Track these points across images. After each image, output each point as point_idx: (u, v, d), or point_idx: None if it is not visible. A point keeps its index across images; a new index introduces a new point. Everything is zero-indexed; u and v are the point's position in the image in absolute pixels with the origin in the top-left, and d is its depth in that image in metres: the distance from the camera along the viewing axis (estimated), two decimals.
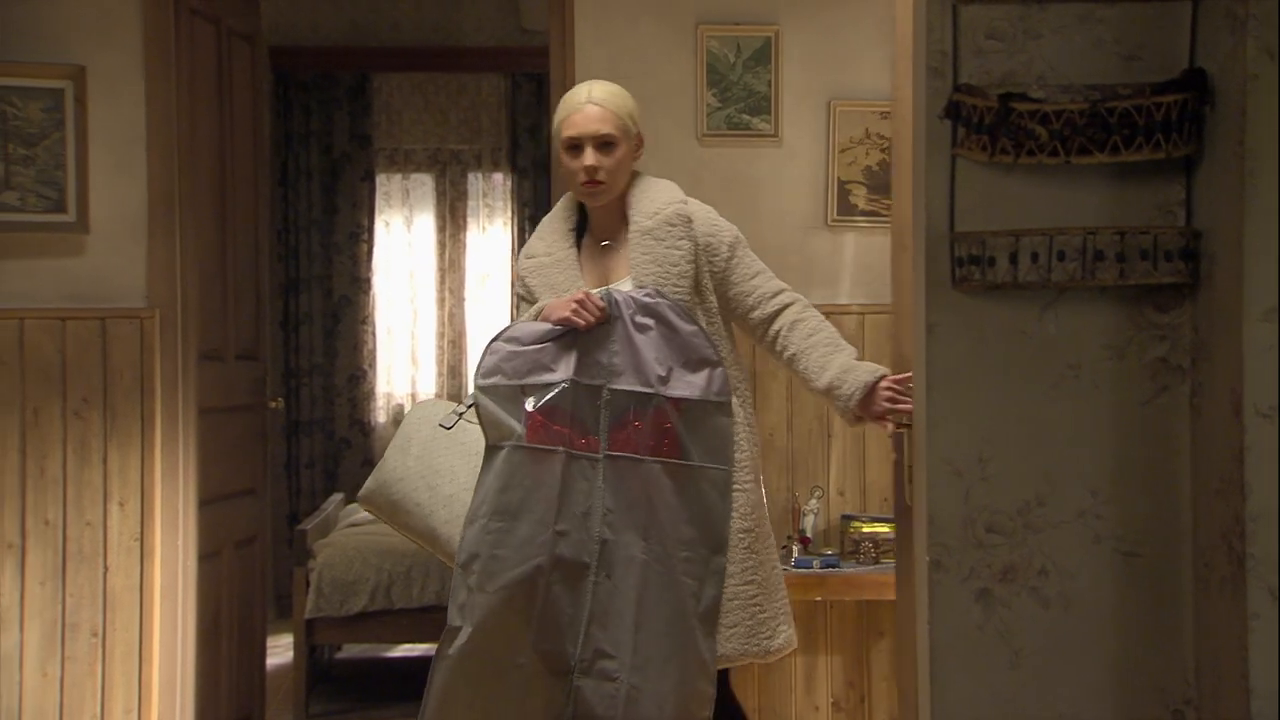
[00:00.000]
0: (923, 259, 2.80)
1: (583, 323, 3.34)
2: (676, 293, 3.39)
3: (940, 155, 2.76)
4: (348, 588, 5.86)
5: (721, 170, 4.93)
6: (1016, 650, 2.74)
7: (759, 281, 3.53)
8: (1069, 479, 2.74)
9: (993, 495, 2.76)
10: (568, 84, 4.90)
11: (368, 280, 8.30)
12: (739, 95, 4.91)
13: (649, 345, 3.34)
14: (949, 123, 2.73)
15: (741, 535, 3.41)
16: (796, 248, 4.95)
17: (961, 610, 2.74)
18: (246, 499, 5.25)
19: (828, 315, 4.92)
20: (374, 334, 8.33)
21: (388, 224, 8.40)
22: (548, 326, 3.36)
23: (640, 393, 3.32)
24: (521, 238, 8.33)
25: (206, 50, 4.96)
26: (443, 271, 8.45)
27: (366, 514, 6.62)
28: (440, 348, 8.49)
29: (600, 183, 3.43)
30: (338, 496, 7.21)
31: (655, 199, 3.46)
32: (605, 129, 3.44)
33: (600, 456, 3.32)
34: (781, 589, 3.52)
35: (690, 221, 3.46)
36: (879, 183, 4.94)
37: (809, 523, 4.74)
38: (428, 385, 8.49)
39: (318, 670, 6.21)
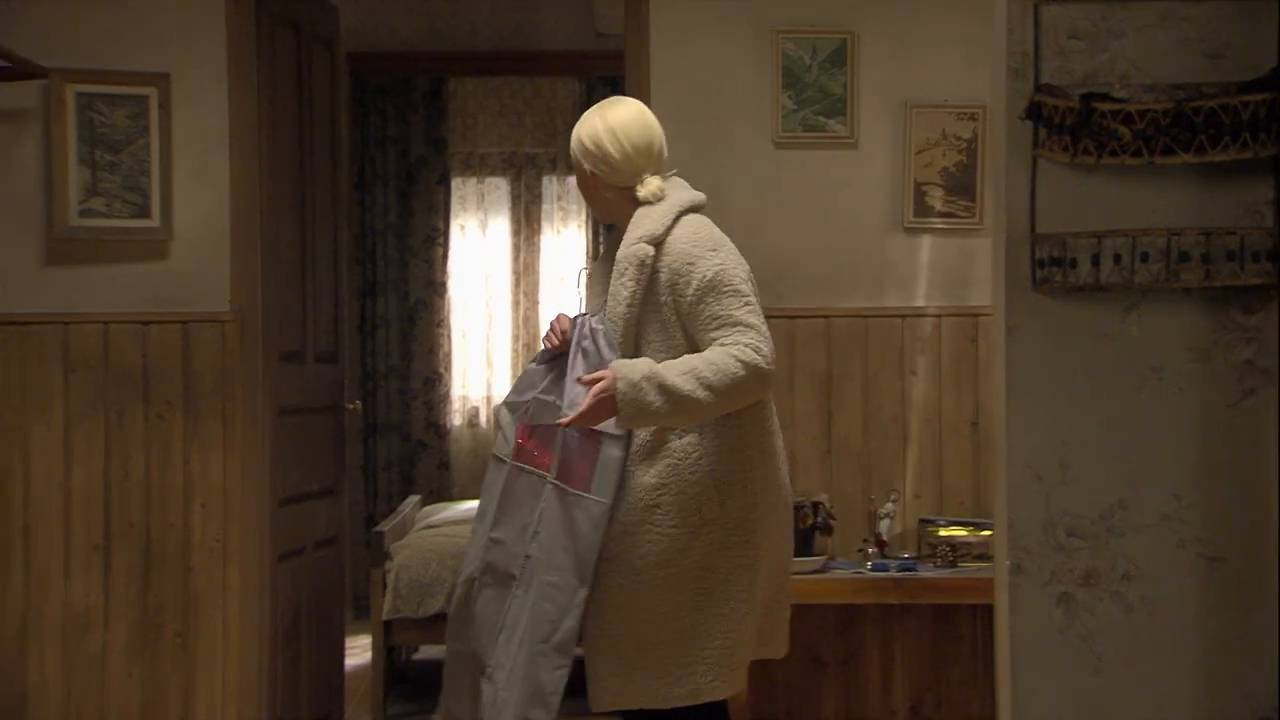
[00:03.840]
0: (1003, 261, 2.78)
1: (549, 344, 3.49)
2: (616, 325, 3.36)
3: (1021, 156, 2.74)
4: (424, 589, 5.90)
5: (796, 173, 4.92)
6: (1099, 655, 2.71)
7: (714, 336, 3.27)
8: (1152, 482, 2.71)
9: (1074, 499, 2.73)
10: (642, 87, 4.91)
11: (443, 284, 8.35)
12: (814, 98, 4.90)
13: (579, 369, 3.39)
14: (1030, 124, 2.71)
15: (656, 574, 3.30)
16: (872, 250, 4.93)
17: (1043, 614, 2.72)
18: (326, 500, 5.30)
19: (903, 318, 4.94)
20: (449, 337, 8.38)
21: (463, 228, 8.45)
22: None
23: (558, 414, 3.36)
24: (595, 241, 8.35)
25: (287, 56, 5.02)
26: (517, 275, 8.48)
27: (443, 515, 6.67)
28: (515, 351, 8.52)
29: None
30: (414, 498, 7.26)
31: (637, 228, 3.37)
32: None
33: (546, 474, 3.41)
34: (706, 640, 3.30)
35: (646, 261, 3.31)
36: (956, 184, 4.91)
37: (885, 526, 4.72)
38: (502, 388, 8.52)
39: (395, 671, 6.25)
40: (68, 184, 4.67)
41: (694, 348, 3.29)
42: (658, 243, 3.33)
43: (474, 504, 7.10)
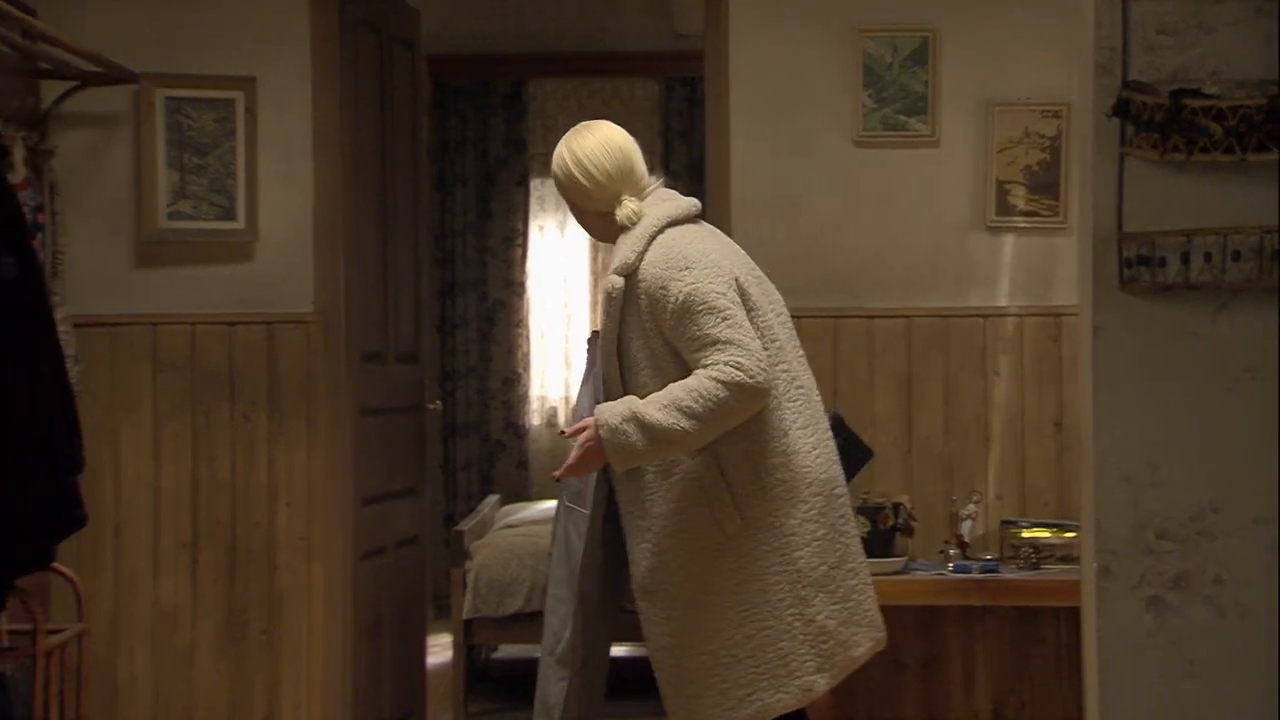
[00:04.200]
0: (1089, 260, 2.75)
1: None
2: (607, 357, 3.35)
3: (1108, 154, 2.71)
4: (504, 588, 5.93)
5: (876, 173, 4.89)
6: (1190, 660, 2.67)
7: (697, 357, 3.18)
8: (1244, 485, 2.67)
9: (1164, 501, 2.70)
10: (721, 88, 4.91)
11: (522, 284, 8.39)
12: (895, 96, 4.87)
13: (586, 395, 3.45)
14: (1117, 121, 2.68)
15: (694, 599, 3.27)
16: (953, 250, 4.90)
17: (1131, 618, 2.69)
18: (407, 499, 5.34)
19: (985, 318, 4.90)
20: (528, 337, 8.42)
21: (541, 228, 8.49)
22: None
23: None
24: None
25: (369, 59, 5.06)
26: (595, 275, 8.50)
27: (522, 515, 6.70)
28: None
29: None
30: (493, 498, 7.30)
31: (614, 257, 3.33)
32: None
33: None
34: (759, 655, 3.25)
35: (613, 293, 3.27)
36: (1039, 182, 4.86)
37: (966, 527, 4.69)
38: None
39: (475, 669, 6.29)
40: (157, 187, 4.74)
41: (688, 369, 3.22)
42: (630, 271, 3.27)
43: (552, 504, 7.15)
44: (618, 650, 6.96)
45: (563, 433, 3.34)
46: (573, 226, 8.51)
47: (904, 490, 4.78)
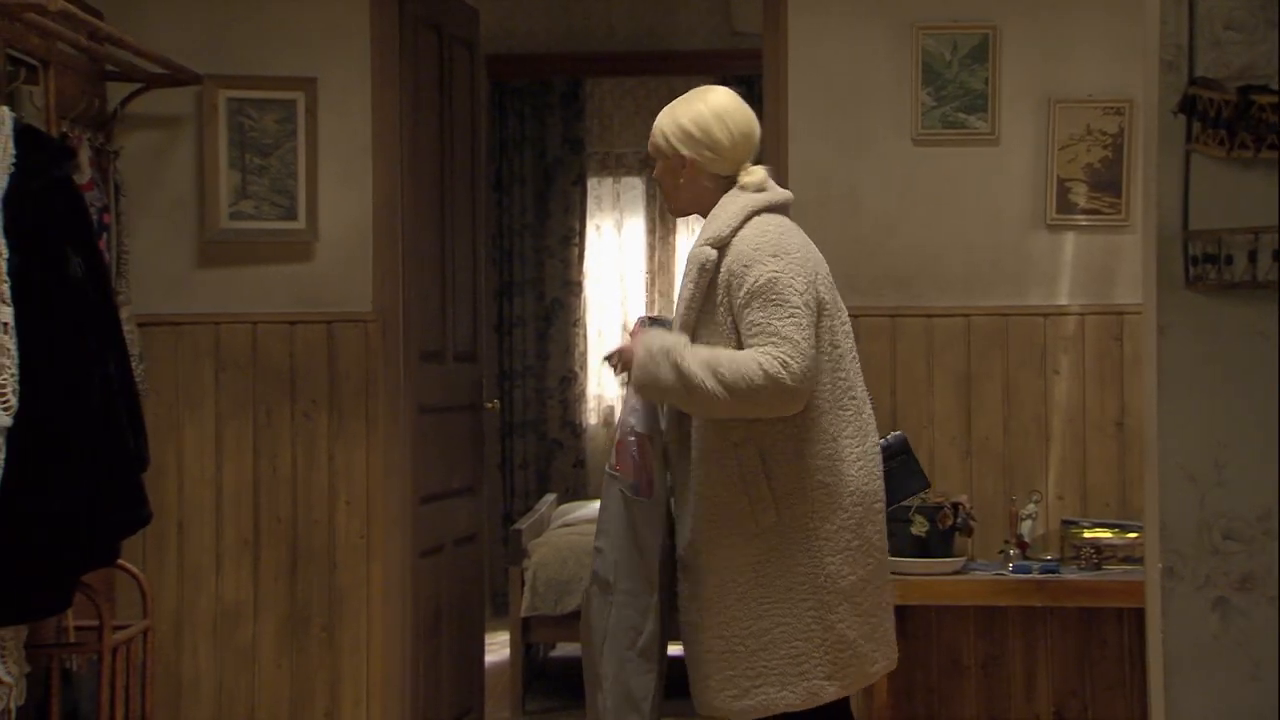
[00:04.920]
0: (1154, 258, 2.73)
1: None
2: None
3: (1173, 151, 2.68)
4: (562, 586, 5.95)
5: (935, 171, 4.87)
6: (1257, 662, 2.64)
7: (752, 344, 3.19)
8: None
9: (1230, 501, 2.67)
10: (780, 86, 4.90)
11: (579, 283, 8.41)
12: (955, 94, 4.85)
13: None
14: (1183, 118, 2.66)
15: (723, 584, 3.29)
16: (1013, 248, 4.87)
17: (1197, 619, 2.66)
18: (465, 497, 5.37)
19: (1045, 317, 4.87)
20: (585, 336, 8.44)
21: (599, 227, 8.51)
22: None
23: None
24: None
25: (429, 58, 5.09)
26: (652, 274, 8.51)
27: (579, 514, 6.72)
28: None
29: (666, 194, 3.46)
30: (550, 497, 7.32)
31: (706, 229, 3.32)
32: (650, 145, 3.46)
33: (617, 475, 3.46)
34: (773, 650, 3.26)
35: (706, 265, 3.27)
36: (1101, 180, 4.82)
37: (1026, 527, 4.65)
38: None
39: (533, 667, 6.31)
40: (219, 187, 4.79)
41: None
42: (723, 245, 3.26)
43: None
44: (676, 648, 6.99)
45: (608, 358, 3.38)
46: (630, 226, 8.52)
47: (963, 490, 4.76)
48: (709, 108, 3.36)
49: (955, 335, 4.87)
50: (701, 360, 3.17)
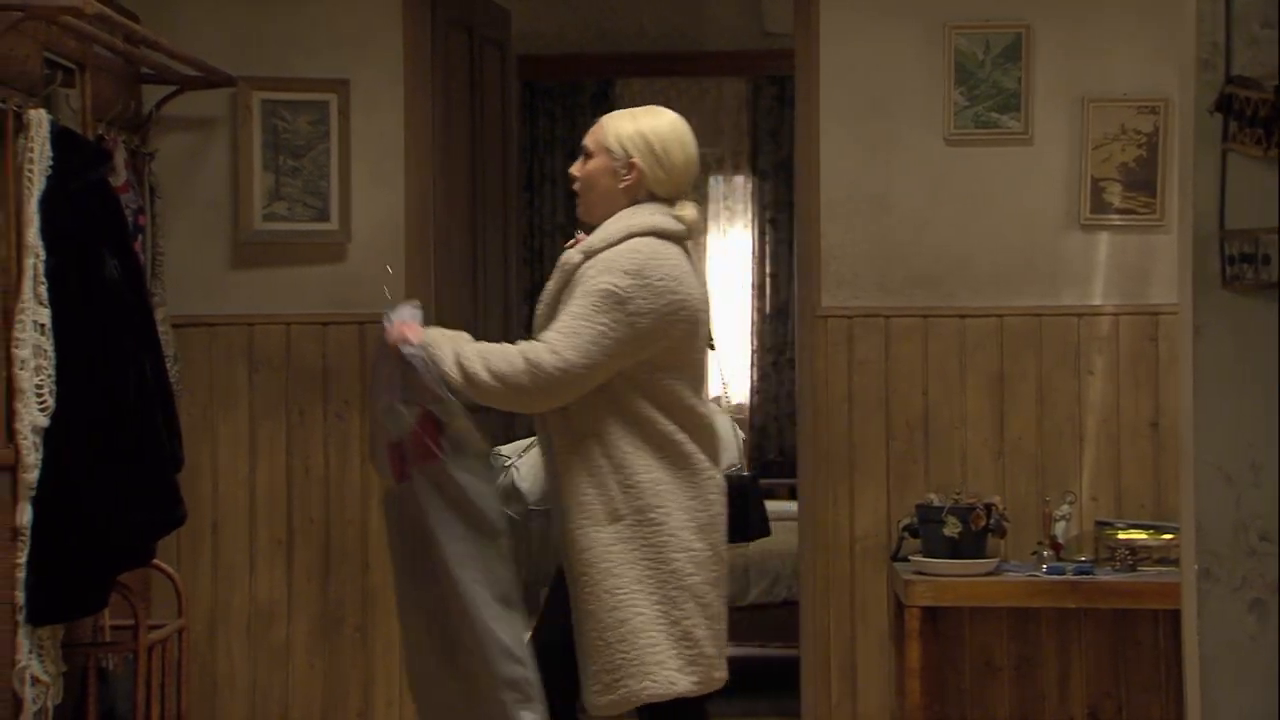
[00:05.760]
0: (1190, 258, 2.71)
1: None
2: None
3: (1209, 151, 2.67)
4: None
5: (968, 171, 4.85)
6: None
7: (547, 329, 3.24)
8: None
9: (1266, 502, 2.65)
10: (811, 86, 4.89)
11: None
12: (987, 94, 4.83)
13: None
14: (1219, 117, 2.64)
15: (577, 576, 3.29)
16: (1046, 248, 4.85)
17: (1233, 621, 2.65)
18: None
19: (1079, 317, 4.84)
20: None
21: None
22: None
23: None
24: (762, 241, 8.34)
25: (460, 59, 5.10)
26: None
27: None
28: None
29: (576, 192, 3.42)
30: None
31: (593, 237, 3.30)
32: (587, 141, 3.41)
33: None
34: (629, 642, 3.24)
35: (567, 267, 3.29)
36: (1136, 179, 4.80)
37: (1060, 529, 4.63)
38: None
39: None
40: (253, 189, 4.81)
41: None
42: (592, 254, 3.26)
43: None
44: (739, 650, 6.99)
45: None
46: None
47: (995, 491, 4.74)
48: (672, 129, 3.34)
49: (988, 335, 4.85)
50: (478, 351, 3.24)
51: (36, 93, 3.85)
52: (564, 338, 3.19)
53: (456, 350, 3.26)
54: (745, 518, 3.56)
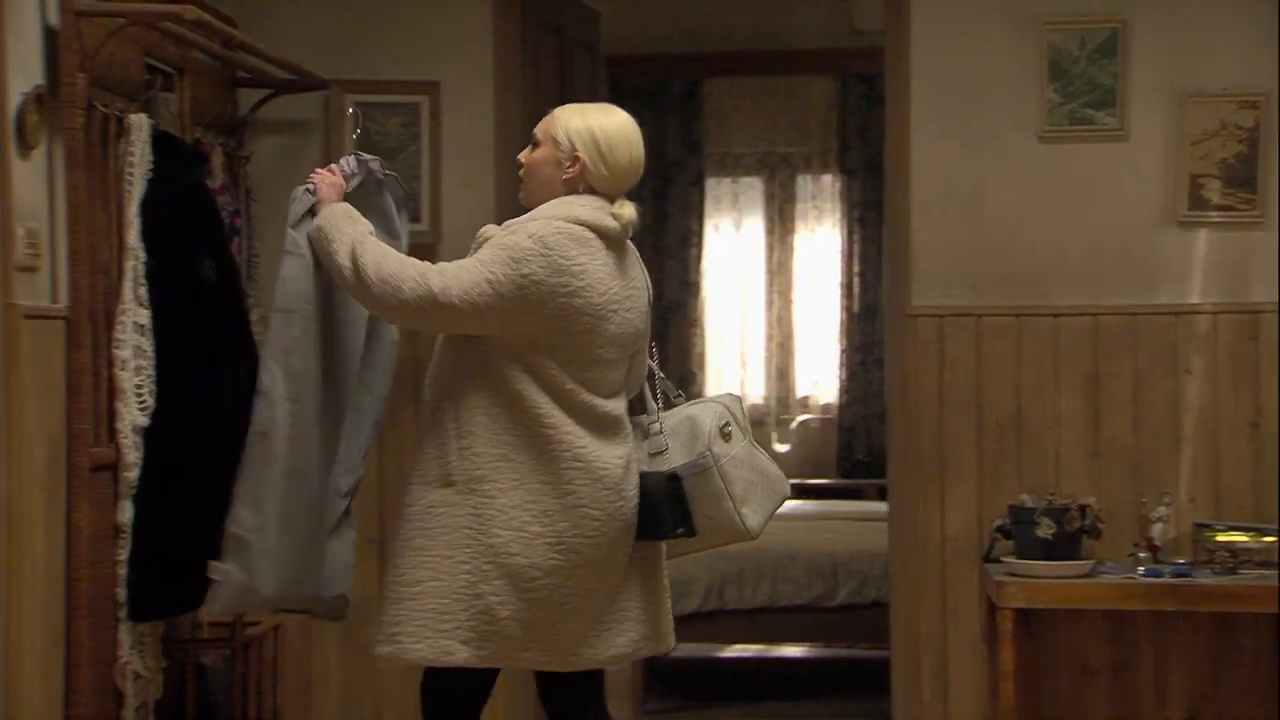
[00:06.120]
0: None
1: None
2: None
3: None
4: (680, 587, 5.95)
5: (1062, 168, 4.80)
6: None
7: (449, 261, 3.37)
8: None
9: None
10: (902, 84, 4.86)
11: (697, 284, 8.42)
12: (1082, 90, 4.77)
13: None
14: None
15: (403, 524, 3.38)
16: (1142, 246, 4.78)
17: None
18: None
19: (1177, 315, 4.77)
20: (703, 337, 8.45)
21: (717, 227, 8.50)
22: None
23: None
24: (850, 240, 8.30)
25: (550, 61, 5.12)
26: (771, 274, 8.50)
27: None
28: (769, 350, 8.54)
29: (520, 178, 3.49)
30: None
31: (525, 215, 3.39)
32: (537, 130, 3.47)
33: None
34: (420, 600, 3.29)
35: (480, 238, 3.38)
36: (1236, 176, 4.72)
37: (1157, 530, 4.57)
38: (757, 388, 8.55)
39: (651, 668, 6.32)
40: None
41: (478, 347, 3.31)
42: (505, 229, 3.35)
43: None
44: (794, 651, 6.97)
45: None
46: (748, 225, 8.51)
47: (1090, 491, 4.68)
48: (620, 129, 3.39)
49: (1082, 335, 4.80)
50: (376, 244, 3.34)
51: (138, 98, 3.91)
52: (456, 270, 3.26)
53: (357, 236, 3.35)
54: (656, 516, 3.40)
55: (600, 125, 3.38)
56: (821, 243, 8.43)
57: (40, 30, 3.57)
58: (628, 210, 3.39)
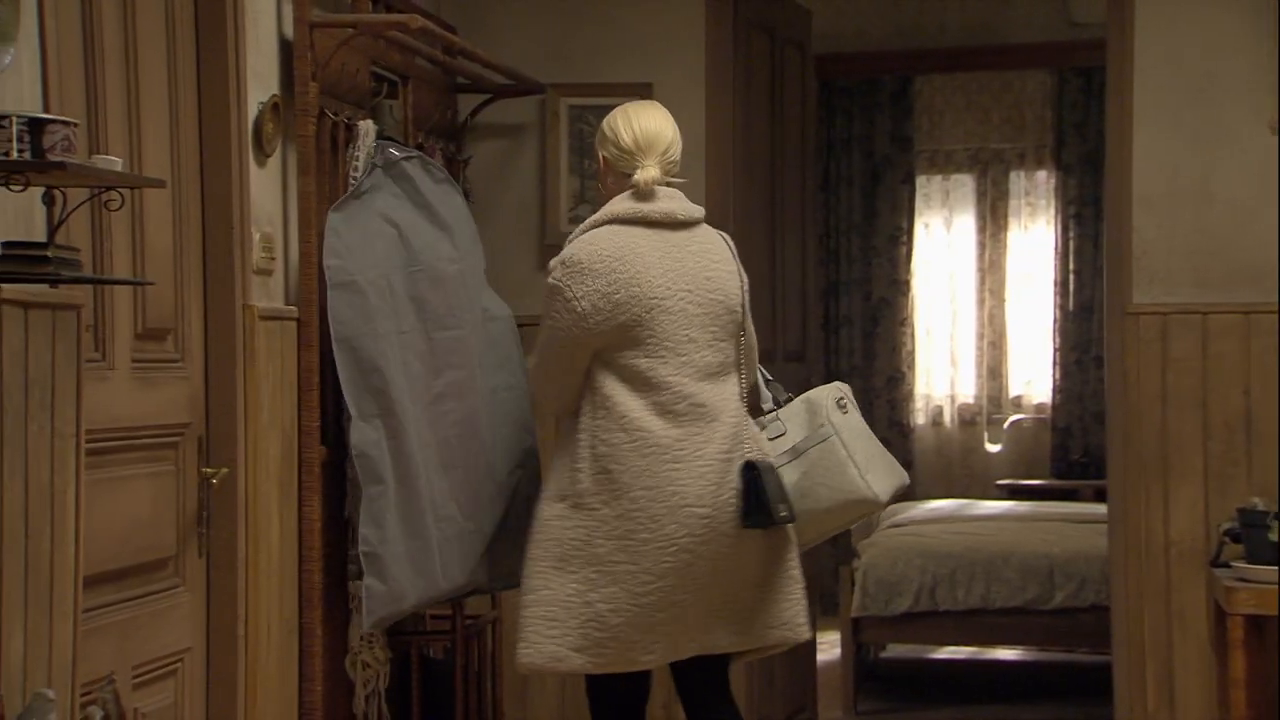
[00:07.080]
0: None
1: None
2: None
3: None
4: (892, 588, 5.90)
5: None
6: None
7: None
8: None
9: None
10: (1125, 77, 4.74)
11: (906, 282, 8.33)
12: None
13: None
14: None
15: (534, 535, 3.56)
16: None
17: None
18: None
19: None
20: (913, 336, 8.35)
21: (927, 225, 8.40)
22: None
23: None
24: (1065, 236, 8.13)
25: (761, 61, 5.13)
26: (983, 272, 8.36)
27: (909, 514, 6.65)
28: (980, 349, 8.40)
29: None
30: None
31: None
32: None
33: None
34: (527, 609, 3.49)
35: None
36: None
37: None
38: (967, 387, 8.43)
39: (864, 668, 6.28)
40: (559, 193, 4.94)
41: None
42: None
43: (939, 504, 7.07)
44: (1008, 654, 6.85)
45: None
46: (960, 223, 8.40)
47: None
48: (620, 110, 3.58)
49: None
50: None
51: (364, 105, 4.03)
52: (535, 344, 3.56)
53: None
54: (759, 503, 3.45)
55: (606, 118, 3.61)
56: (1035, 240, 8.26)
57: (276, 42, 3.71)
58: (646, 174, 3.49)
